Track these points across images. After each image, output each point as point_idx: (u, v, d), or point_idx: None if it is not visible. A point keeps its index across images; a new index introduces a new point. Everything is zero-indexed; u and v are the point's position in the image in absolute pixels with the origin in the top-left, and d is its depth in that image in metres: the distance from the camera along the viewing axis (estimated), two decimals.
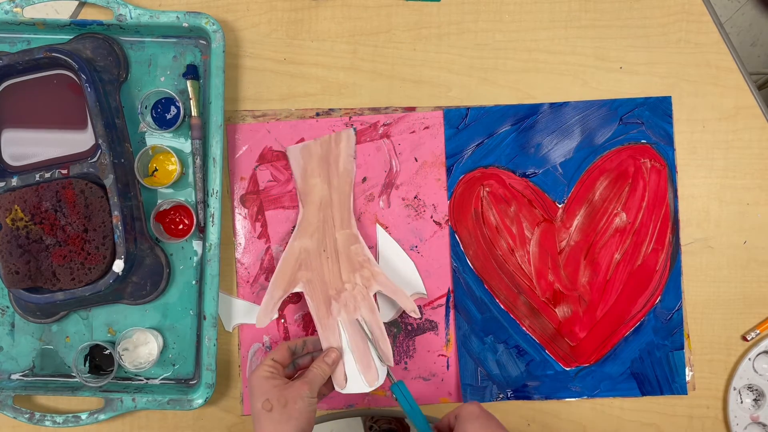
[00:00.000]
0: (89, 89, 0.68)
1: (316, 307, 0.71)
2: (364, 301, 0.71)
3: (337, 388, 0.68)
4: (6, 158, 0.71)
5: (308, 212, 0.73)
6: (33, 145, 0.71)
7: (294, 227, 0.74)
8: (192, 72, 0.74)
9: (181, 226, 0.74)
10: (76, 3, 0.76)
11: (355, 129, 0.74)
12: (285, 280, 0.72)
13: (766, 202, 0.76)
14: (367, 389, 0.68)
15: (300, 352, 0.69)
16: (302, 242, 0.72)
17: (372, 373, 0.68)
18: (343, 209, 0.73)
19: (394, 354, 0.73)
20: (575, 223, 0.75)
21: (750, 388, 0.76)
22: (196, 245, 0.74)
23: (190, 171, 0.74)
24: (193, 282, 0.74)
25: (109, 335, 0.75)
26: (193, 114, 0.73)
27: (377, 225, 0.75)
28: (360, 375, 0.68)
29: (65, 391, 0.72)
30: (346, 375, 0.68)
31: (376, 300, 0.72)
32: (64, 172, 0.68)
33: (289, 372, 0.68)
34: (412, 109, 0.76)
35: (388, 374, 0.68)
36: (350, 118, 0.75)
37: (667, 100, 0.75)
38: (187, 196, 0.75)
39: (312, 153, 0.74)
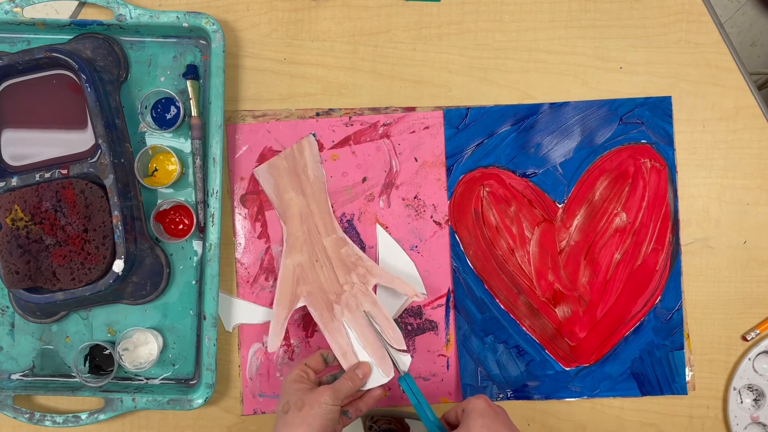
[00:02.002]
0: (89, 89, 0.68)
1: (319, 315, 0.71)
2: (364, 297, 0.71)
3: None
4: (6, 158, 0.71)
5: (292, 227, 0.73)
6: (33, 145, 0.71)
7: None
8: (192, 72, 0.74)
9: (181, 226, 0.74)
10: (76, 3, 0.76)
11: (314, 135, 0.74)
12: (287, 299, 0.72)
13: (766, 202, 0.76)
14: (385, 380, 0.67)
15: (331, 362, 0.68)
16: (294, 258, 0.73)
17: (387, 363, 0.68)
18: (324, 215, 0.73)
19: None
20: (575, 223, 0.75)
21: (750, 388, 0.76)
22: (196, 245, 0.74)
23: (190, 171, 0.74)
24: (193, 282, 0.74)
25: (109, 335, 0.75)
26: (193, 114, 0.73)
27: (377, 225, 0.75)
28: (377, 368, 0.68)
29: (65, 391, 0.72)
30: None
31: (375, 292, 0.72)
32: (64, 172, 0.68)
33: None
34: (412, 109, 0.76)
35: (395, 365, 0.67)
36: (350, 118, 0.75)
37: (667, 100, 0.75)
38: (187, 196, 0.75)
39: (279, 168, 0.74)
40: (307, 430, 0.59)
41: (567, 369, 0.75)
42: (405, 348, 0.69)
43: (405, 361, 0.68)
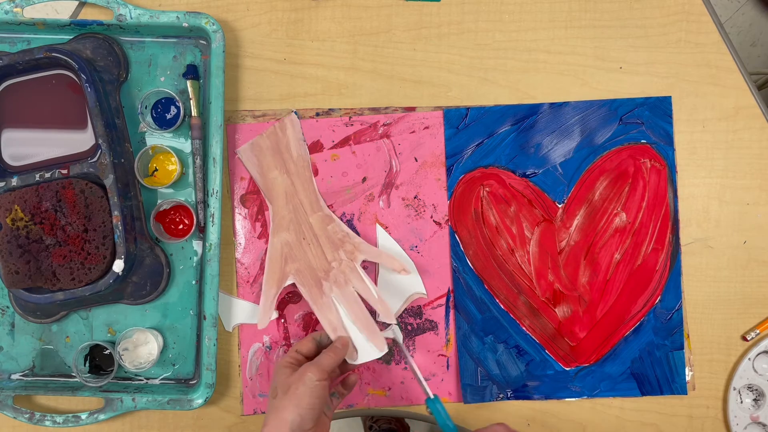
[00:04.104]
0: (89, 89, 0.68)
1: (308, 292, 0.72)
2: (352, 273, 0.72)
3: (350, 362, 0.68)
4: (6, 158, 0.71)
5: (277, 207, 0.74)
6: (33, 145, 0.71)
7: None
8: (192, 72, 0.74)
9: (181, 226, 0.74)
10: (76, 3, 0.76)
11: (296, 112, 0.74)
12: (275, 277, 0.73)
13: (766, 202, 0.76)
14: (378, 355, 0.68)
15: (325, 342, 0.69)
16: (281, 237, 0.73)
17: (379, 337, 0.69)
18: (309, 193, 0.74)
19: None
20: (575, 223, 0.75)
21: (750, 388, 0.76)
22: (196, 245, 0.74)
23: (190, 171, 0.74)
24: (193, 282, 0.74)
25: (109, 335, 0.75)
26: (193, 114, 0.73)
27: (377, 225, 0.75)
28: (368, 343, 0.69)
29: (65, 391, 0.72)
30: (354, 347, 0.69)
31: (376, 275, 0.73)
32: (64, 172, 0.68)
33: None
34: (412, 109, 0.76)
35: (424, 389, 0.67)
36: (350, 118, 0.75)
37: (667, 100, 0.75)
38: (187, 196, 0.75)
39: (262, 147, 0.74)
40: (294, 411, 0.59)
41: (567, 369, 0.75)
42: (394, 321, 0.70)
43: (397, 331, 0.70)
